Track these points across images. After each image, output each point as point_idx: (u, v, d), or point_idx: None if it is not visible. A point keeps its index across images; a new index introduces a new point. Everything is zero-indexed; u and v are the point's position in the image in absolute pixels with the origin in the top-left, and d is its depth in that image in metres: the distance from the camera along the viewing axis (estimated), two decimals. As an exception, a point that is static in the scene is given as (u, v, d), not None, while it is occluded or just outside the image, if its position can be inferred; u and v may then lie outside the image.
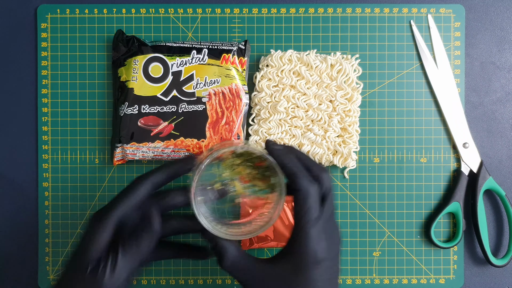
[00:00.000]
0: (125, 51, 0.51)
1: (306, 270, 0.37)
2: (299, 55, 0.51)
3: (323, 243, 0.37)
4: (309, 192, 0.37)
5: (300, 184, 0.37)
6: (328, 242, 0.38)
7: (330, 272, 0.38)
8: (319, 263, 0.37)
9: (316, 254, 0.37)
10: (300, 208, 0.37)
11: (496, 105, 0.54)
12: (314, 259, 0.37)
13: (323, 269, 0.37)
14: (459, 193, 0.52)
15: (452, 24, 0.54)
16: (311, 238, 0.37)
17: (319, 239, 0.37)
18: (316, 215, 0.37)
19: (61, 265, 0.53)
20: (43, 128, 0.53)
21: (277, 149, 0.39)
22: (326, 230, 0.38)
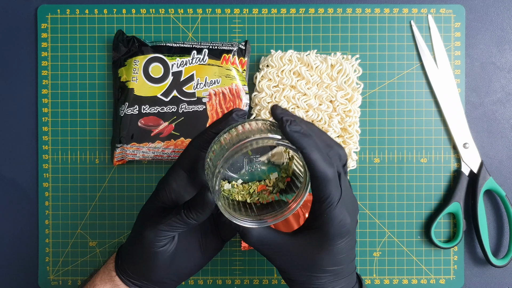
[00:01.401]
0: (125, 51, 0.51)
1: (331, 244, 0.39)
2: (299, 55, 0.51)
3: (347, 218, 0.38)
4: (329, 178, 0.37)
5: (319, 169, 0.36)
6: (350, 217, 0.39)
7: (351, 243, 0.40)
8: (343, 236, 0.39)
9: (341, 230, 0.38)
10: (322, 194, 0.37)
11: (496, 105, 0.54)
12: (339, 234, 0.38)
13: (346, 241, 0.39)
14: (460, 194, 0.52)
15: (452, 24, 0.54)
16: (336, 218, 0.38)
17: (342, 217, 0.38)
18: (338, 197, 0.38)
19: (61, 265, 0.54)
20: (43, 129, 0.53)
21: (295, 132, 0.36)
22: (347, 205, 0.39)
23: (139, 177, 0.54)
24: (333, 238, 0.38)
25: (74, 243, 0.54)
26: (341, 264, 0.40)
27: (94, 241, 0.54)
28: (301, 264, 0.40)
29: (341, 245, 0.39)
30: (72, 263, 0.54)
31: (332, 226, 0.38)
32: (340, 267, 0.40)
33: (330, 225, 0.38)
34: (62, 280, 0.53)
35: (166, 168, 0.53)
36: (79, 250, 0.54)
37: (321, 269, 0.39)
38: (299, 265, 0.40)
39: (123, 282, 0.42)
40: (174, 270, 0.42)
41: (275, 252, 0.40)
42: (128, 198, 0.53)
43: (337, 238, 0.39)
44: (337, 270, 0.40)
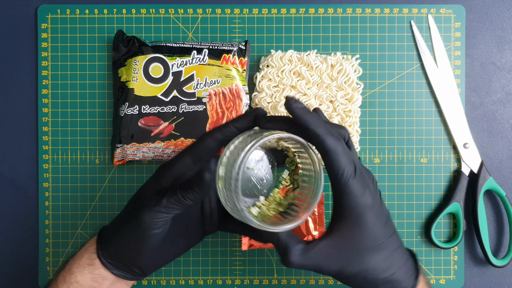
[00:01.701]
0: (125, 52, 0.51)
1: (363, 220, 0.37)
2: (300, 55, 0.51)
3: (367, 191, 0.38)
4: (340, 151, 0.37)
5: (329, 144, 0.36)
6: (370, 188, 0.38)
7: (382, 213, 0.39)
8: (372, 208, 0.38)
9: (367, 202, 0.38)
10: (337, 168, 0.37)
11: (497, 105, 0.54)
12: (366, 208, 0.37)
13: (376, 212, 0.38)
14: (460, 194, 0.52)
15: (453, 24, 0.54)
16: (357, 191, 0.37)
17: (364, 189, 0.38)
18: (352, 169, 0.37)
19: (61, 265, 0.53)
20: (44, 129, 0.53)
21: (299, 108, 0.37)
22: (364, 177, 0.38)
23: (139, 177, 0.54)
24: (362, 213, 0.37)
25: (74, 243, 0.54)
26: (383, 237, 0.38)
27: (94, 241, 0.54)
28: (347, 258, 0.38)
29: (374, 218, 0.38)
30: (72, 263, 0.54)
31: (358, 201, 0.37)
32: (380, 242, 0.38)
33: (355, 198, 0.37)
34: (62, 280, 0.53)
35: (166, 168, 0.53)
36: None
37: (366, 252, 0.38)
38: (347, 259, 0.38)
39: (104, 266, 0.41)
40: (160, 255, 0.42)
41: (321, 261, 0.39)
42: (128, 198, 0.53)
43: (366, 212, 0.37)
44: (380, 246, 0.38)
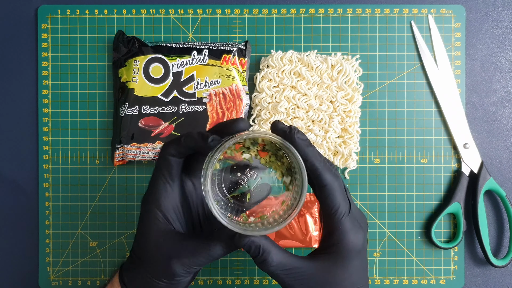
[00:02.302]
0: (125, 52, 0.51)
1: (349, 261, 0.37)
2: (300, 55, 0.51)
3: (361, 233, 0.38)
4: (337, 187, 0.37)
5: (326, 179, 0.36)
6: (363, 231, 0.38)
7: (365, 260, 0.39)
8: (359, 252, 0.38)
9: (357, 245, 0.37)
10: (332, 204, 0.37)
11: (497, 105, 0.54)
12: (355, 250, 0.37)
13: (362, 258, 0.38)
14: (460, 194, 0.52)
15: (453, 24, 0.54)
16: (350, 231, 0.37)
17: (356, 230, 0.37)
18: (347, 207, 0.37)
19: (61, 266, 0.54)
20: (44, 129, 0.53)
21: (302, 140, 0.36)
22: (357, 220, 0.38)
23: (139, 177, 0.54)
24: (350, 252, 0.37)
25: (75, 243, 0.54)
26: (358, 284, 0.38)
27: (94, 242, 0.54)
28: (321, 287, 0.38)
29: (358, 263, 0.38)
30: (72, 263, 0.54)
31: (348, 239, 0.37)
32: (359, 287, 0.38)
33: (345, 238, 0.37)
34: (62, 281, 0.53)
35: (167, 169, 0.53)
36: (79, 250, 0.54)
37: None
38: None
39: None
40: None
41: (295, 278, 0.38)
42: (128, 199, 0.53)
43: (354, 252, 0.37)
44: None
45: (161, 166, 0.38)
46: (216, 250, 0.37)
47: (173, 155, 0.38)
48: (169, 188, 0.38)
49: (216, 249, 0.37)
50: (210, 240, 0.38)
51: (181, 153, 0.38)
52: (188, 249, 0.38)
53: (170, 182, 0.38)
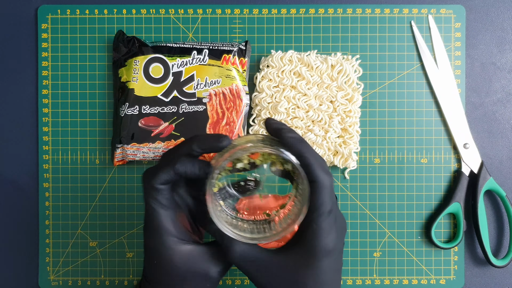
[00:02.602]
0: (125, 52, 0.51)
1: (317, 261, 0.37)
2: (300, 55, 0.51)
3: (334, 234, 0.37)
4: (325, 184, 0.36)
5: (317, 175, 0.36)
6: (337, 233, 0.38)
7: (337, 262, 0.38)
8: (329, 254, 0.37)
9: (328, 246, 0.37)
10: (315, 200, 0.36)
11: (497, 105, 0.54)
12: (325, 250, 0.37)
13: (332, 259, 0.37)
14: (460, 194, 0.52)
15: (453, 24, 0.54)
16: (323, 231, 0.36)
17: (330, 231, 0.37)
18: (329, 208, 0.37)
19: (61, 266, 0.54)
20: (44, 129, 0.53)
21: (292, 138, 0.37)
22: (335, 222, 0.38)
23: (139, 177, 0.54)
24: (320, 251, 0.36)
25: (75, 243, 0.54)
26: (326, 285, 0.37)
27: (94, 242, 0.54)
28: (284, 283, 0.37)
29: (327, 264, 0.37)
30: (72, 263, 0.54)
31: (320, 238, 0.36)
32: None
33: (318, 236, 0.36)
34: (62, 281, 0.54)
35: (167, 169, 0.53)
36: (79, 250, 0.54)
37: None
38: (283, 284, 0.37)
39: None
40: None
41: (258, 270, 0.38)
42: (128, 199, 0.53)
43: (324, 253, 0.37)
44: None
45: (154, 195, 0.38)
46: (233, 252, 0.38)
47: (164, 183, 0.38)
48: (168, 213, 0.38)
49: (233, 251, 0.38)
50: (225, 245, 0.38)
51: (172, 180, 0.38)
52: (218, 253, 0.38)
53: (167, 207, 0.38)
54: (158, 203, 0.38)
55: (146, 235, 0.39)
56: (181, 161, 0.37)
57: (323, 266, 0.37)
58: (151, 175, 0.38)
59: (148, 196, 0.38)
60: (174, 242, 0.38)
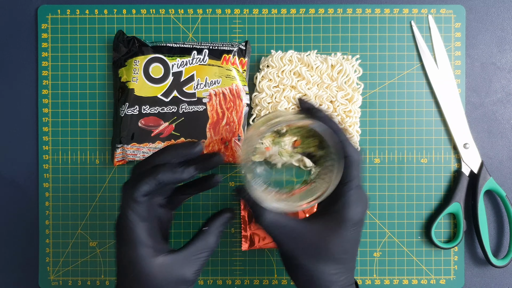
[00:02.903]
0: (125, 52, 0.51)
1: (345, 230, 0.39)
2: (300, 55, 0.51)
3: (360, 207, 0.40)
4: (356, 160, 0.39)
5: (349, 151, 0.39)
6: (363, 207, 0.40)
7: (359, 234, 0.41)
8: (356, 224, 0.40)
9: (355, 217, 0.40)
10: (346, 174, 0.39)
11: (497, 105, 0.54)
12: (353, 221, 0.39)
13: (356, 231, 0.40)
14: (460, 194, 0.52)
15: (453, 24, 0.54)
16: (352, 203, 0.39)
17: (357, 204, 0.40)
18: (358, 182, 0.40)
19: (61, 266, 0.54)
20: (44, 129, 0.53)
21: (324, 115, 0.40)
22: (361, 196, 0.40)
23: (139, 177, 0.54)
24: (348, 221, 0.39)
25: (75, 243, 0.54)
26: (348, 253, 0.40)
27: (94, 242, 0.54)
28: (311, 249, 0.40)
29: (352, 233, 0.40)
30: (72, 263, 0.54)
31: (349, 209, 0.39)
32: (347, 256, 0.40)
33: (348, 207, 0.39)
34: (62, 281, 0.54)
35: (167, 169, 0.53)
36: (79, 250, 0.54)
37: (330, 257, 0.40)
38: (310, 250, 0.40)
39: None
40: None
41: (287, 236, 0.40)
42: (128, 199, 0.53)
43: (351, 223, 0.39)
44: (344, 259, 0.40)
45: (134, 208, 0.38)
46: (210, 239, 0.40)
47: (146, 194, 0.38)
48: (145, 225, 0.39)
49: (210, 239, 0.40)
50: (203, 235, 0.41)
51: (153, 191, 0.39)
52: (191, 257, 0.40)
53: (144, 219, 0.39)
54: (136, 215, 0.38)
55: (121, 248, 0.39)
56: (162, 170, 0.38)
57: (348, 236, 0.40)
58: (132, 187, 0.38)
59: (127, 208, 0.38)
60: (151, 254, 0.38)
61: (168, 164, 0.39)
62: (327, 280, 0.40)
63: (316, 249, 0.40)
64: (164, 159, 0.39)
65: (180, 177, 0.39)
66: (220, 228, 0.42)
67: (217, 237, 0.41)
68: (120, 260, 0.39)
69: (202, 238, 0.40)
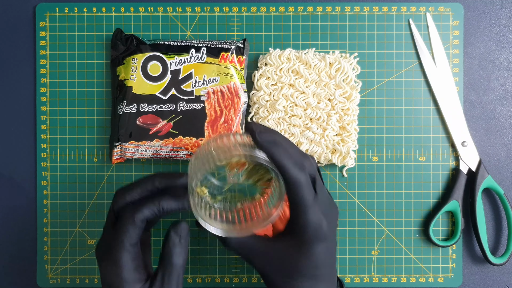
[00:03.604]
0: (123, 50, 0.51)
1: (310, 248, 0.39)
2: (298, 53, 0.51)
3: (323, 221, 0.39)
4: (300, 181, 0.38)
5: (290, 175, 0.38)
6: (327, 219, 0.39)
7: (330, 245, 0.40)
8: (320, 240, 0.39)
9: (318, 233, 0.39)
10: (295, 196, 0.38)
11: (495, 103, 0.54)
12: (316, 237, 0.39)
13: (325, 244, 0.39)
14: (458, 192, 0.52)
15: (451, 22, 0.54)
16: (311, 222, 0.38)
17: (317, 219, 0.39)
18: (312, 198, 0.38)
19: (59, 264, 0.54)
20: (42, 127, 0.53)
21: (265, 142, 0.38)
22: (323, 209, 0.39)
23: (137, 175, 0.54)
24: (310, 241, 0.39)
25: (73, 241, 0.54)
26: (319, 269, 0.40)
27: (92, 240, 0.54)
28: (280, 268, 0.40)
29: (319, 249, 0.39)
30: (70, 261, 0.54)
31: (309, 229, 0.38)
32: (319, 271, 0.40)
33: (306, 228, 0.38)
34: (60, 279, 0.54)
35: (164, 167, 0.53)
36: (77, 248, 0.54)
37: (300, 274, 0.39)
38: (279, 269, 0.40)
39: None
40: None
41: (255, 256, 0.40)
42: (126, 197, 0.53)
43: (314, 242, 0.39)
44: (316, 275, 0.40)
45: (130, 232, 0.38)
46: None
47: (145, 219, 0.39)
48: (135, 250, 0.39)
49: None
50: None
51: (152, 217, 0.39)
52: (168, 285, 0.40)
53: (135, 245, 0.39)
54: (130, 239, 0.38)
55: (107, 269, 0.39)
56: (164, 199, 0.39)
57: (317, 251, 0.39)
58: (135, 211, 0.39)
59: (125, 231, 0.38)
60: (135, 279, 0.39)
61: (169, 192, 0.40)
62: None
63: (286, 267, 0.40)
64: (152, 185, 0.40)
65: (182, 206, 0.39)
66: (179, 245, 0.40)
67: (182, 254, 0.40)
68: (105, 279, 0.39)
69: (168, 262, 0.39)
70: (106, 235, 0.41)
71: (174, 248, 0.39)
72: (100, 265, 0.39)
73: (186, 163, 0.54)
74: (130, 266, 0.38)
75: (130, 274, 0.38)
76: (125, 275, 0.38)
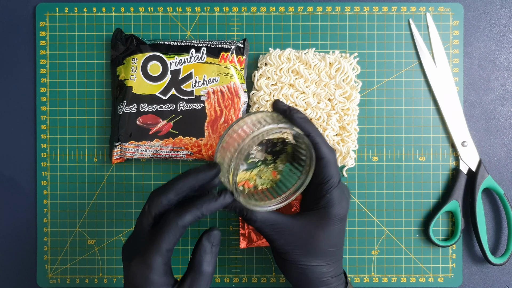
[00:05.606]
0: (123, 50, 0.51)
1: (331, 225, 0.42)
2: (298, 53, 0.51)
3: (344, 203, 0.42)
4: (331, 160, 0.41)
5: (324, 152, 0.41)
6: (347, 201, 0.43)
7: (344, 227, 0.44)
8: (340, 220, 0.42)
9: (339, 213, 0.42)
10: (325, 175, 0.41)
11: (495, 103, 0.54)
12: (337, 217, 0.42)
13: (341, 225, 0.43)
14: (458, 192, 0.52)
15: (451, 22, 0.54)
16: (336, 200, 0.42)
17: (341, 200, 0.42)
18: (338, 179, 0.42)
19: (59, 264, 0.54)
20: (42, 127, 0.53)
21: (301, 118, 0.41)
22: (343, 191, 0.43)
23: (137, 175, 0.54)
24: (334, 218, 0.42)
25: (73, 241, 0.54)
26: (335, 247, 0.43)
27: (92, 240, 0.54)
28: (301, 244, 0.42)
29: (338, 229, 0.42)
30: (70, 261, 0.54)
31: (334, 206, 0.41)
32: (334, 249, 0.43)
33: (332, 205, 0.41)
34: (60, 279, 0.54)
35: (164, 167, 0.53)
36: (77, 248, 0.54)
37: (319, 250, 0.42)
38: (300, 245, 0.42)
39: None
40: None
41: (278, 232, 0.42)
42: (126, 196, 0.53)
43: (336, 220, 0.42)
44: (331, 252, 0.43)
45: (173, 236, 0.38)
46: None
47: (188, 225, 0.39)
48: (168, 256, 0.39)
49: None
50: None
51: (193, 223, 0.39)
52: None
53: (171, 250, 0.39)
54: (168, 244, 0.38)
55: (136, 270, 0.38)
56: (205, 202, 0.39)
57: (335, 230, 0.42)
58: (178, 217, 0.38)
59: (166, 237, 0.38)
60: (163, 284, 0.38)
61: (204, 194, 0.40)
62: (317, 272, 0.42)
63: (306, 244, 0.42)
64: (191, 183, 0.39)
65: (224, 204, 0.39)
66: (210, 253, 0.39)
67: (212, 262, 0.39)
68: (130, 277, 0.39)
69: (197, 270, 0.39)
70: (138, 236, 0.40)
71: (205, 256, 0.39)
72: (129, 265, 0.39)
73: (186, 163, 0.54)
74: (162, 270, 0.38)
75: (160, 278, 0.38)
76: (155, 279, 0.38)
